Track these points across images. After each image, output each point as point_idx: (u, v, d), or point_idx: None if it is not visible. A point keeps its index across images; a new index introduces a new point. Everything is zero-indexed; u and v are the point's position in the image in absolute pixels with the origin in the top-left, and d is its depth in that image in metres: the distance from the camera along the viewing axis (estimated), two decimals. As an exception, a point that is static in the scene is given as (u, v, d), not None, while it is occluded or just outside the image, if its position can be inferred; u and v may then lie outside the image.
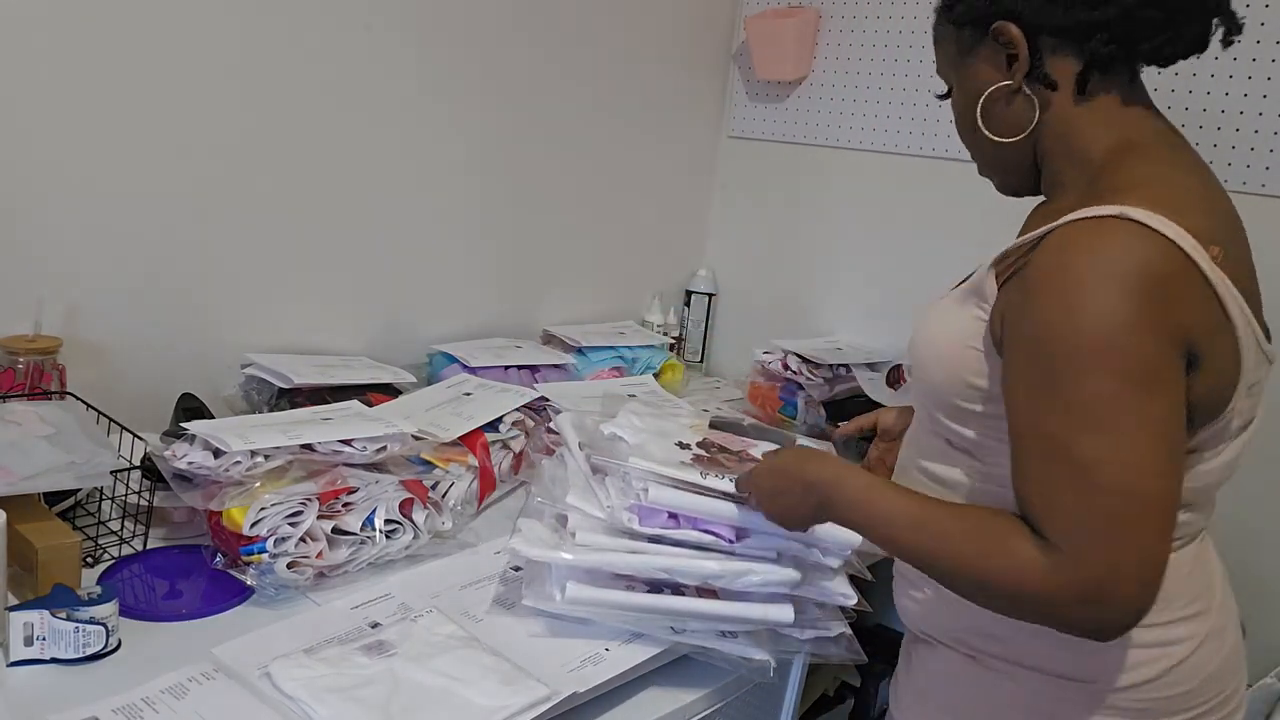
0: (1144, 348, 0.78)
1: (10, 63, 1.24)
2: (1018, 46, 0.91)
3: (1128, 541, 0.77)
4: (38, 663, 0.91)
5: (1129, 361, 0.77)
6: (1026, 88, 0.92)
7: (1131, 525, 0.77)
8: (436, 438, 1.32)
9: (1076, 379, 0.78)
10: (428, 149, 1.73)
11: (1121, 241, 0.79)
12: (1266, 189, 1.58)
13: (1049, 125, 0.93)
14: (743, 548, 1.04)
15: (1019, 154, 0.96)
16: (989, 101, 0.95)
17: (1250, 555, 1.65)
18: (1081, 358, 0.78)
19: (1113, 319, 0.77)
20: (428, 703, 0.90)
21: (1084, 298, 0.78)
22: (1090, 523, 0.77)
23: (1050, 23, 0.89)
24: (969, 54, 0.96)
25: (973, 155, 1.02)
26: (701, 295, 2.25)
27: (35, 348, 1.27)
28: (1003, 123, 0.95)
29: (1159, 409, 0.78)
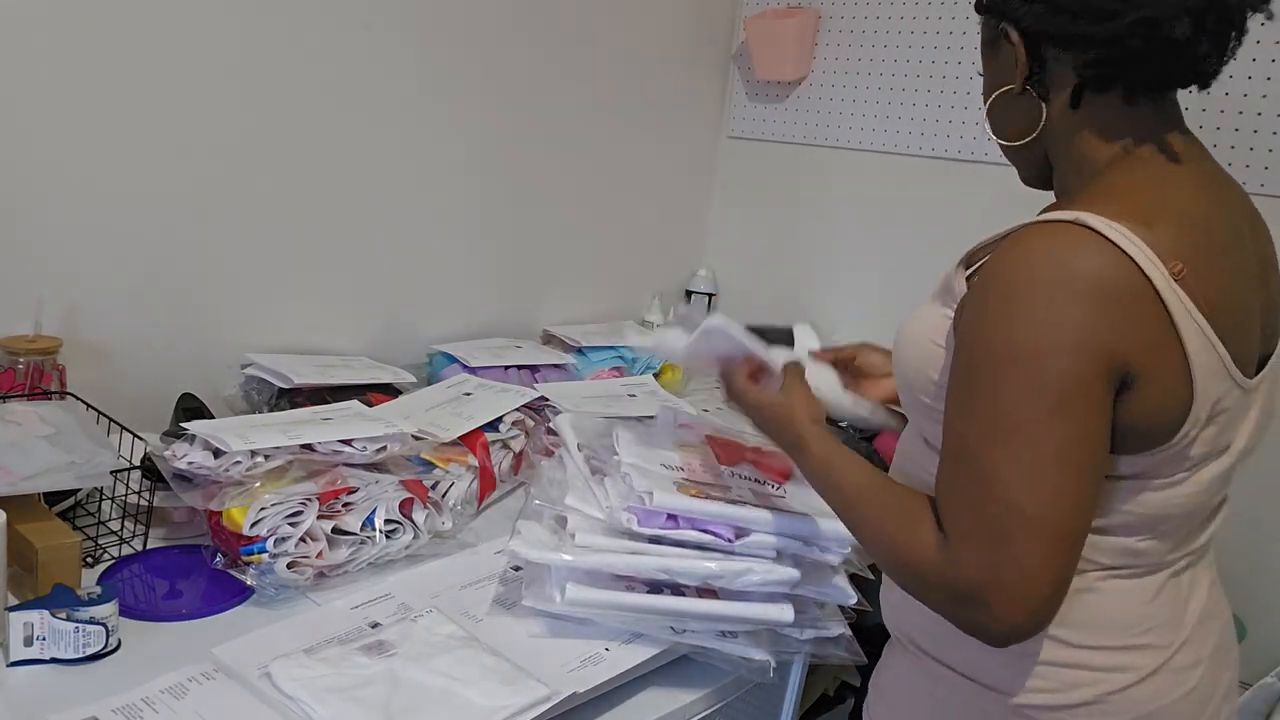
0: (1062, 367, 0.76)
1: (10, 63, 1.24)
2: (1019, 53, 0.89)
3: (1007, 555, 0.76)
4: (38, 663, 0.91)
5: (1045, 379, 0.76)
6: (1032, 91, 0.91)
7: (1014, 541, 0.76)
8: (436, 438, 1.32)
9: (990, 387, 0.78)
10: (428, 149, 1.73)
11: (1069, 249, 0.77)
12: (1266, 189, 1.58)
13: (1051, 131, 0.92)
14: (742, 547, 1.04)
15: (1029, 153, 0.95)
16: (1000, 99, 0.94)
17: (1250, 555, 1.66)
18: (998, 367, 0.77)
19: (1037, 332, 0.76)
20: (428, 703, 0.90)
21: (1015, 306, 0.77)
22: (976, 529, 0.78)
23: (1048, 32, 0.87)
24: (992, 45, 0.94)
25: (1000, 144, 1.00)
26: (701, 295, 2.25)
27: (35, 348, 1.27)
28: (1007, 122, 0.95)
29: (1066, 431, 0.76)
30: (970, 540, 0.78)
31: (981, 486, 0.78)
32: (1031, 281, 0.77)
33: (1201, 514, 0.91)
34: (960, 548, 0.78)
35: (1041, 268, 0.77)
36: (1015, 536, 0.76)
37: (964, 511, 0.79)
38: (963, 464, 0.80)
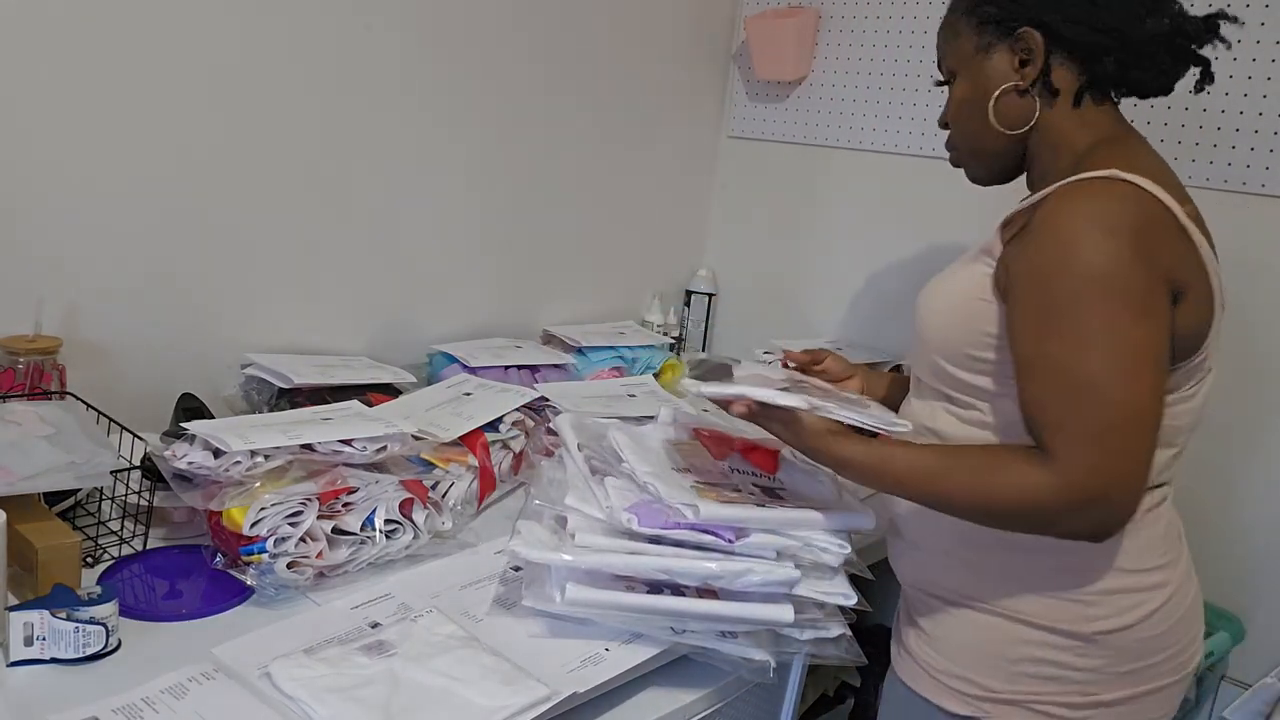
0: (1136, 278, 0.89)
1: (10, 63, 1.24)
2: (1035, 54, 1.02)
3: (1121, 449, 0.89)
4: (38, 663, 0.91)
5: (1123, 289, 0.89)
6: (1032, 90, 1.04)
7: (1124, 435, 0.89)
8: (436, 438, 1.32)
9: (1077, 307, 0.89)
10: (428, 148, 1.73)
11: (1114, 193, 0.92)
12: (1266, 189, 1.58)
13: (1046, 126, 1.05)
14: (742, 547, 1.04)
15: (1009, 147, 1.08)
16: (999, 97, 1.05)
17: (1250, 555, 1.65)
18: (1081, 286, 0.89)
19: (1108, 253, 0.89)
20: (428, 703, 0.90)
21: (1082, 236, 0.90)
22: (1089, 433, 0.89)
23: (1071, 38, 1.01)
24: (986, 51, 1.06)
25: (958, 141, 1.13)
26: (701, 295, 2.25)
27: (35, 348, 1.27)
28: (1004, 117, 1.06)
29: (1149, 333, 0.90)
30: (1082, 446, 0.89)
31: (1085, 394, 0.89)
32: (1095, 218, 0.90)
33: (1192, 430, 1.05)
34: (1073, 458, 0.89)
35: (1096, 208, 0.91)
36: (1126, 431, 0.89)
37: (1070, 423, 0.89)
38: (1059, 381, 0.90)
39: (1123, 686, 1.03)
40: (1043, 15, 1.01)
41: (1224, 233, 1.62)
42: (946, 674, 1.07)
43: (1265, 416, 1.62)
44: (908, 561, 1.14)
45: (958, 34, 1.08)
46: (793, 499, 1.10)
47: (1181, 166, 1.65)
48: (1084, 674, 1.02)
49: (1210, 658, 1.58)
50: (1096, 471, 0.89)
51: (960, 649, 1.06)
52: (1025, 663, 1.03)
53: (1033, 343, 0.93)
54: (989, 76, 1.06)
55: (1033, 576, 1.02)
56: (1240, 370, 1.63)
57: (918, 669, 1.10)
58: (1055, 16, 1.00)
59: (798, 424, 1.00)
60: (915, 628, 1.12)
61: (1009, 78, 1.04)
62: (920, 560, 1.11)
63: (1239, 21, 1.04)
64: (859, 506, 1.11)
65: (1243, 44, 1.58)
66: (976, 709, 1.05)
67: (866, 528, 1.09)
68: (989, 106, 1.05)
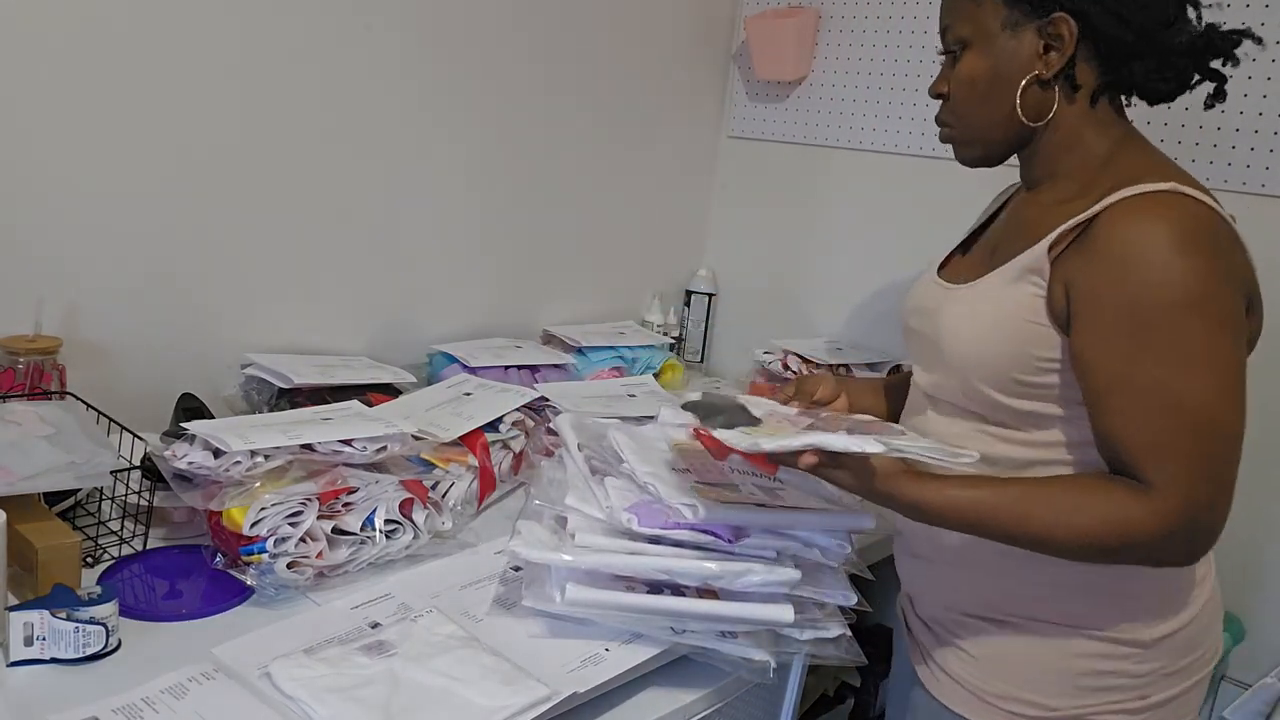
0: (1226, 297, 0.89)
1: (11, 63, 1.24)
2: (1066, 43, 0.97)
3: (1223, 476, 0.89)
4: (38, 663, 0.91)
5: (1219, 309, 0.88)
6: (1054, 82, 0.99)
7: (1226, 460, 0.89)
8: (436, 438, 1.32)
9: (1172, 331, 0.87)
10: (428, 148, 1.73)
11: (1188, 210, 0.90)
12: (1266, 189, 1.58)
13: (1063, 121, 1.01)
14: (742, 548, 1.04)
15: (1018, 136, 1.03)
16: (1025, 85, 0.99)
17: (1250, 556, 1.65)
18: (1181, 312, 0.87)
19: (1204, 276, 0.87)
20: (428, 703, 0.90)
21: (1173, 258, 0.87)
22: (1195, 460, 0.87)
23: (1104, 33, 0.96)
24: (1013, 29, 0.99)
25: (957, 120, 1.06)
26: (701, 295, 2.25)
27: (35, 348, 1.27)
28: (1026, 107, 1.00)
29: (1240, 355, 0.90)
30: (1187, 475, 0.87)
31: (1189, 418, 0.87)
32: (1175, 238, 0.88)
33: None
34: (1178, 487, 0.87)
35: (1177, 227, 0.88)
36: (1225, 456, 0.89)
37: (1173, 449, 0.88)
38: (1159, 406, 0.88)
39: (1172, 685, 1.02)
40: (1082, 4, 0.95)
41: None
42: (1003, 697, 1.04)
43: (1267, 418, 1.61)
44: (941, 584, 1.10)
45: (979, 1, 1.00)
46: (793, 499, 1.10)
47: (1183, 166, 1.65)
48: (1140, 679, 1.01)
49: (1210, 658, 1.58)
50: (1200, 500, 0.88)
51: (1016, 670, 1.03)
52: (1086, 676, 1.01)
53: (1122, 365, 0.89)
54: (1010, 58, 0.99)
55: (1092, 589, 1.00)
56: (1240, 370, 1.63)
57: (965, 694, 1.06)
58: (1095, 7, 0.95)
59: (866, 468, 0.94)
60: (955, 648, 1.08)
61: (1030, 64, 0.98)
62: (957, 581, 1.08)
63: (1260, 42, 1.00)
64: (859, 508, 1.10)
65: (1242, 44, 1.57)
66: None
67: (867, 528, 1.08)
68: (1013, 94, 0.99)
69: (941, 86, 1.07)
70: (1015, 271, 0.98)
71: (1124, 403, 0.90)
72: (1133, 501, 0.89)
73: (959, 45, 1.03)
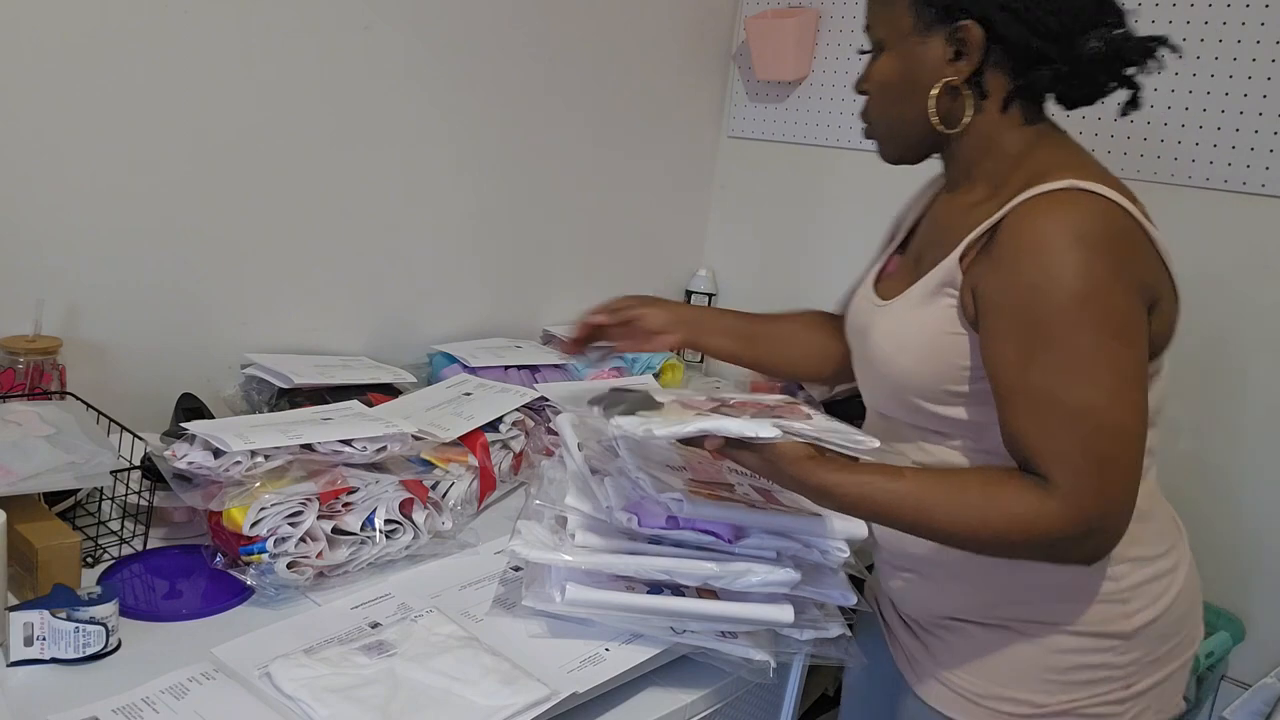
0: (1118, 302, 0.89)
1: (11, 63, 1.24)
2: (972, 50, 0.97)
3: (1118, 476, 0.89)
4: (38, 663, 0.91)
5: (1109, 315, 0.88)
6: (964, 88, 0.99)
7: (1120, 461, 0.89)
8: (436, 438, 1.32)
9: (1063, 334, 0.88)
10: (427, 149, 1.73)
11: (1083, 208, 0.89)
12: (1266, 189, 1.58)
13: (976, 126, 1.01)
14: (742, 548, 1.04)
15: (933, 138, 1.04)
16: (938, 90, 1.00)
17: (1250, 555, 1.65)
18: (1066, 315, 0.87)
19: (1091, 278, 0.87)
20: (428, 703, 0.90)
21: (1062, 259, 0.87)
22: (1087, 463, 0.88)
23: (1012, 40, 0.96)
24: (923, 32, 0.99)
25: (876, 118, 1.07)
26: (701, 295, 2.25)
27: (35, 348, 1.27)
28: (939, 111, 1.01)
29: (1134, 355, 0.90)
30: (1085, 475, 0.88)
31: (1079, 423, 0.88)
32: (1067, 239, 0.88)
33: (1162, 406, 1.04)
34: (1077, 487, 0.88)
35: (1070, 226, 0.88)
36: (1121, 457, 0.89)
37: (1069, 452, 0.88)
38: (1051, 411, 0.89)
39: (1155, 671, 1.04)
40: (988, 10, 0.95)
41: (1224, 233, 1.63)
42: (995, 699, 1.05)
43: (1266, 417, 1.62)
44: (923, 592, 1.10)
45: (891, 4, 1.01)
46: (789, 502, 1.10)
47: (1181, 166, 1.65)
48: (1124, 669, 1.03)
49: (1210, 658, 1.58)
50: (1099, 499, 0.88)
51: (1005, 671, 1.04)
52: (1072, 671, 1.02)
53: (1017, 372, 0.90)
54: (920, 63, 0.99)
55: (1068, 587, 1.01)
56: (1242, 371, 1.63)
57: (958, 698, 1.07)
58: (1002, 15, 0.95)
59: (773, 452, 0.92)
60: (944, 654, 1.09)
61: (940, 70, 0.98)
62: (938, 589, 1.09)
63: (1178, 51, 0.99)
64: None
65: (1243, 44, 1.58)
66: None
67: (859, 536, 1.07)
68: (924, 98, 1.00)
69: (862, 84, 1.07)
70: (932, 286, 0.99)
71: (1022, 406, 0.91)
72: (1037, 500, 0.89)
73: (876, 47, 1.04)
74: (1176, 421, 1.70)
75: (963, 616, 1.07)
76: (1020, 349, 0.90)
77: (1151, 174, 1.68)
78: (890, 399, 1.07)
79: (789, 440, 0.91)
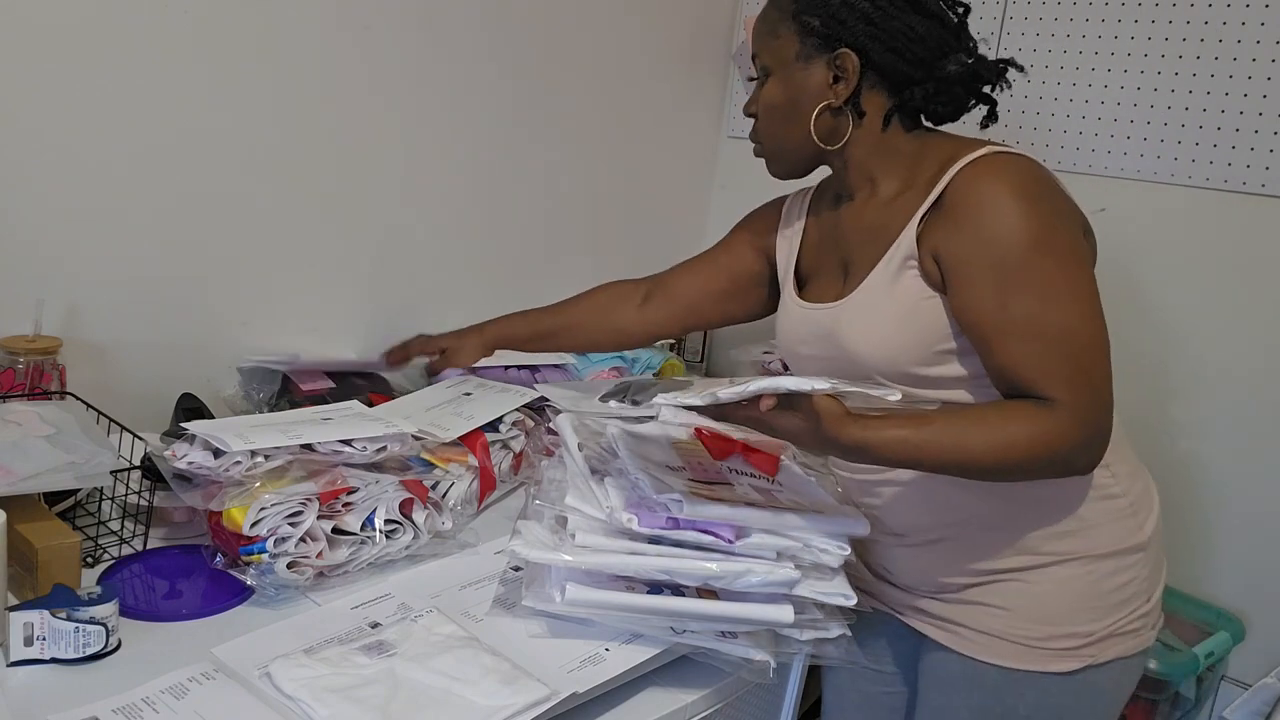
0: (1064, 236, 1.00)
1: (11, 64, 1.24)
2: (850, 75, 1.08)
3: (1102, 382, 0.99)
4: (38, 663, 0.91)
5: (1062, 248, 1.00)
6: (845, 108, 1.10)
7: (1101, 368, 0.99)
8: (436, 438, 1.32)
9: (1031, 272, 0.98)
10: (427, 149, 1.73)
11: (1014, 166, 1.02)
12: (1266, 189, 1.58)
13: (858, 142, 1.12)
14: (742, 548, 1.04)
15: (816, 154, 1.14)
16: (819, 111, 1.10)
17: (1250, 555, 1.65)
18: (1029, 255, 0.98)
19: (1040, 220, 0.99)
20: (428, 703, 0.90)
21: (1013, 210, 0.99)
22: (1079, 376, 0.97)
23: (885, 66, 1.08)
24: (805, 59, 1.10)
25: (764, 139, 1.17)
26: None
27: (35, 348, 1.27)
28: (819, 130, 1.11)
29: (1088, 276, 1.01)
30: (1080, 387, 0.97)
31: (1066, 342, 0.98)
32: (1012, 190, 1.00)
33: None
34: (1078, 399, 0.97)
35: (1011, 180, 1.00)
36: (1100, 365, 0.99)
37: (1062, 368, 0.97)
38: (1038, 336, 0.98)
39: (1160, 581, 1.16)
40: (863, 41, 1.06)
41: (1224, 233, 1.63)
42: (1049, 639, 1.09)
43: (1266, 416, 1.62)
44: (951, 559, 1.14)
45: (777, 35, 1.11)
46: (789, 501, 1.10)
47: (1182, 166, 1.65)
48: (1146, 580, 1.12)
49: (1210, 658, 1.58)
50: (1096, 406, 0.98)
51: (1055, 609, 1.10)
52: (1111, 593, 1.10)
53: (998, 311, 0.99)
54: (803, 87, 1.10)
55: (1090, 513, 1.08)
56: (1241, 371, 1.63)
57: (1012, 646, 1.11)
58: (875, 45, 1.06)
59: (814, 412, 0.97)
60: (980, 606, 1.12)
61: (822, 93, 1.09)
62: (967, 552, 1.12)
63: (1023, 70, 1.14)
64: (853, 513, 1.09)
65: (1243, 44, 1.58)
66: (1085, 657, 1.09)
67: (860, 534, 1.08)
68: (808, 119, 1.10)
69: (750, 107, 1.17)
70: (895, 264, 1.07)
71: (1008, 342, 0.99)
72: (1049, 418, 0.97)
73: (763, 73, 1.14)
74: (1177, 421, 1.70)
75: (988, 568, 1.11)
76: (996, 291, 0.99)
77: (1151, 173, 1.68)
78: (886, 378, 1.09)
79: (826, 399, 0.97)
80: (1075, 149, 1.75)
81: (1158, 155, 1.67)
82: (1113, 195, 1.69)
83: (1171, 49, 1.65)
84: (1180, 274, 1.66)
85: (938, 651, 1.17)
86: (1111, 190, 1.71)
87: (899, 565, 1.18)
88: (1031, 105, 1.77)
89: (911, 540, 1.16)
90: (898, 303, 1.06)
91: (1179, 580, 1.68)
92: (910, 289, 1.06)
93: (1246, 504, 1.65)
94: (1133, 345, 1.18)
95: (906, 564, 1.18)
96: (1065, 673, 1.09)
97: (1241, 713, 1.41)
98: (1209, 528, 1.67)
